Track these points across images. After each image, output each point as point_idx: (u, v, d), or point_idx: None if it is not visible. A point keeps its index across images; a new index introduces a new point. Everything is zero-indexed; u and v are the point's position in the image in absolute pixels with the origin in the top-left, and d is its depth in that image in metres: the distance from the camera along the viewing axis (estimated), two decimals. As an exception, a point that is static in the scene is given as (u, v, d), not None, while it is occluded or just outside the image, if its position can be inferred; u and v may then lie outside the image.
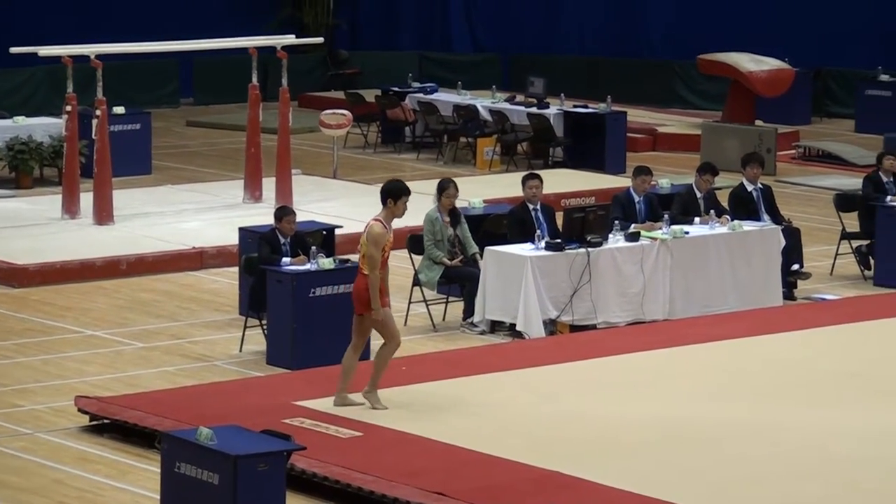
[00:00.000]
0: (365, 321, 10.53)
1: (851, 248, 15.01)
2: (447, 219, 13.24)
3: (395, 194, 10.56)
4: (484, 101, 21.19)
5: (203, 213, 17.00)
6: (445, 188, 13.24)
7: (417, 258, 13.37)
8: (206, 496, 8.18)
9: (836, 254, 15.07)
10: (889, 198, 14.85)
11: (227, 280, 14.35)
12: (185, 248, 15.32)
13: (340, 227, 14.27)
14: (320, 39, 20.45)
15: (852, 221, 15.20)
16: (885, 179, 15.10)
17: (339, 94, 23.36)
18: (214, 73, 24.41)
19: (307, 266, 12.17)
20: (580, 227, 13.17)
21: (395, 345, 10.61)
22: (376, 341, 10.85)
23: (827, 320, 13.21)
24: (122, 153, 17.86)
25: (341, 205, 17.03)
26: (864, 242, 14.97)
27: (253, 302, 12.35)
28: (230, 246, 14.54)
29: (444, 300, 13.47)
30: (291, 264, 12.21)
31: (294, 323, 11.94)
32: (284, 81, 17.21)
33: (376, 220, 10.49)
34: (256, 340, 12.40)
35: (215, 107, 24.20)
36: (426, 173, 19.57)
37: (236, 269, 13.40)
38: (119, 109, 19.11)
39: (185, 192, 18.11)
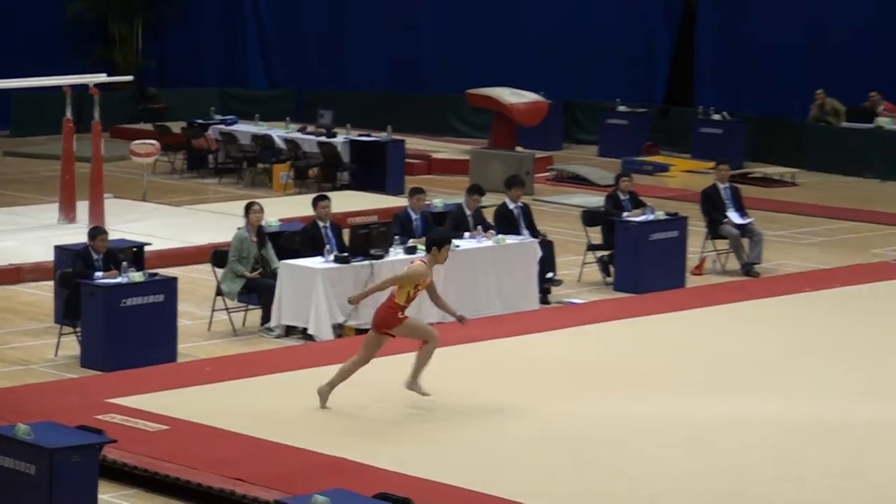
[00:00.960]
0: (384, 337, 10.57)
1: (595, 257, 15.34)
2: (255, 238, 13.23)
3: (440, 243, 10.67)
4: (279, 132, 21.12)
5: (20, 233, 16.55)
6: (250, 208, 13.29)
7: (220, 271, 13.30)
8: (24, 486, 8.03)
9: (583, 263, 15.34)
10: (626, 213, 15.19)
11: (43, 293, 14.02)
12: (2, 264, 14.91)
13: (149, 244, 14.11)
14: (130, 77, 20.13)
15: (596, 234, 15.50)
16: (622, 197, 15.46)
17: (149, 126, 23.02)
18: (31, 107, 23.77)
19: (119, 279, 12.01)
20: (365, 242, 13.24)
21: (436, 340, 10.71)
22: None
23: (576, 321, 13.47)
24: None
25: (150, 224, 16.79)
26: (606, 253, 15.29)
27: (67, 311, 12.13)
28: (46, 262, 14.21)
29: (244, 308, 13.41)
30: (104, 278, 12.03)
31: (106, 329, 11.78)
32: (97, 115, 16.89)
33: (422, 261, 10.64)
34: (71, 346, 12.16)
35: (32, 138, 23.56)
36: (227, 196, 19.45)
37: (52, 282, 13.13)
38: (-65, 140, 18.54)
39: (3, 215, 17.59)
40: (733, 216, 15.92)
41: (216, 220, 16.99)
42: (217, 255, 13.40)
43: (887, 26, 23.04)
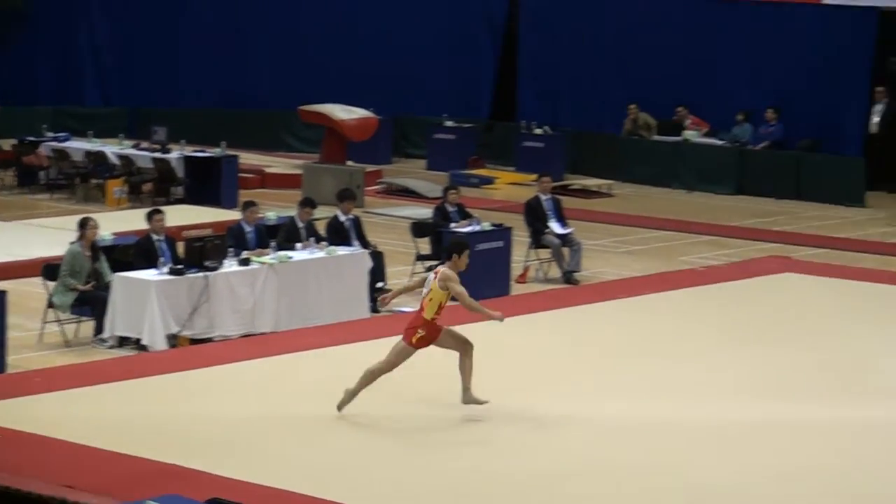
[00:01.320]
0: (443, 336, 10.47)
1: (424, 267, 15.36)
2: (88, 253, 12.98)
3: (459, 250, 10.55)
4: (113, 148, 20.78)
5: None
6: (86, 224, 13.01)
7: (51, 284, 12.99)
8: None
9: (412, 273, 15.36)
10: (453, 224, 15.31)
11: None
12: None
13: (-23, 258, 13.71)
14: (-40, 98, 19.60)
15: (425, 245, 15.59)
16: (450, 209, 15.58)
17: (-23, 145, 22.40)
18: None
19: (-54, 293, 11.64)
20: (199, 254, 13.08)
21: (383, 372, 10.53)
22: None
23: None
24: None
25: (-21, 240, 16.34)
26: (435, 263, 15.37)
27: None
28: None
29: (77, 320, 13.12)
30: (-67, 292, 11.65)
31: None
32: (-75, 133, 16.41)
33: (447, 267, 10.48)
34: None
35: None
36: (60, 211, 19.02)
37: None
38: None
39: None
40: (555, 226, 16.16)
41: (47, 235, 16.59)
42: (48, 269, 13.09)
43: (693, 46, 23.72)
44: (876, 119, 22.50)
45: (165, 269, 12.88)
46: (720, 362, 12.40)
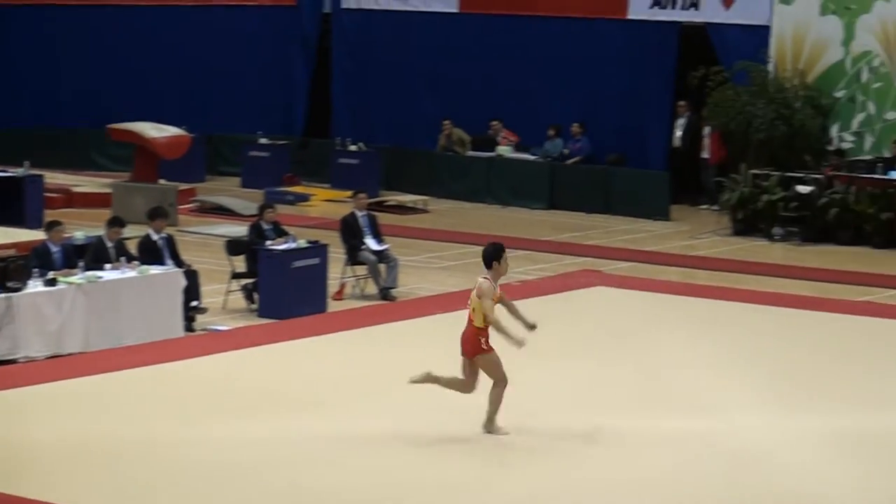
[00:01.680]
0: (475, 363, 10.29)
1: (240, 285, 15.25)
2: None
3: (497, 256, 10.31)
4: None
5: None
6: None
7: None
8: None
9: (228, 291, 15.24)
10: (269, 242, 15.18)
11: None
12: None
13: None
14: None
15: (240, 263, 15.43)
16: (265, 227, 15.45)
17: None
18: None
19: None
20: (2, 275, 12.70)
21: (504, 384, 10.37)
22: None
23: (223, 347, 13.31)
24: None
25: None
26: (250, 280, 15.24)
27: None
28: None
29: None
30: None
31: None
32: None
33: (485, 278, 10.35)
34: None
35: None
36: None
37: None
38: None
39: None
40: (371, 243, 16.18)
41: None
42: None
43: (505, 61, 24.02)
44: (678, 133, 23.14)
45: (-35, 291, 12.46)
46: (536, 377, 12.53)
